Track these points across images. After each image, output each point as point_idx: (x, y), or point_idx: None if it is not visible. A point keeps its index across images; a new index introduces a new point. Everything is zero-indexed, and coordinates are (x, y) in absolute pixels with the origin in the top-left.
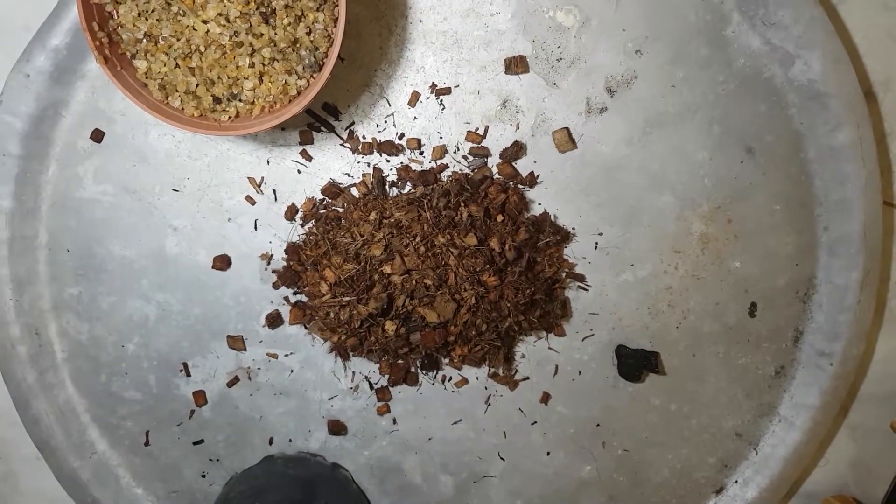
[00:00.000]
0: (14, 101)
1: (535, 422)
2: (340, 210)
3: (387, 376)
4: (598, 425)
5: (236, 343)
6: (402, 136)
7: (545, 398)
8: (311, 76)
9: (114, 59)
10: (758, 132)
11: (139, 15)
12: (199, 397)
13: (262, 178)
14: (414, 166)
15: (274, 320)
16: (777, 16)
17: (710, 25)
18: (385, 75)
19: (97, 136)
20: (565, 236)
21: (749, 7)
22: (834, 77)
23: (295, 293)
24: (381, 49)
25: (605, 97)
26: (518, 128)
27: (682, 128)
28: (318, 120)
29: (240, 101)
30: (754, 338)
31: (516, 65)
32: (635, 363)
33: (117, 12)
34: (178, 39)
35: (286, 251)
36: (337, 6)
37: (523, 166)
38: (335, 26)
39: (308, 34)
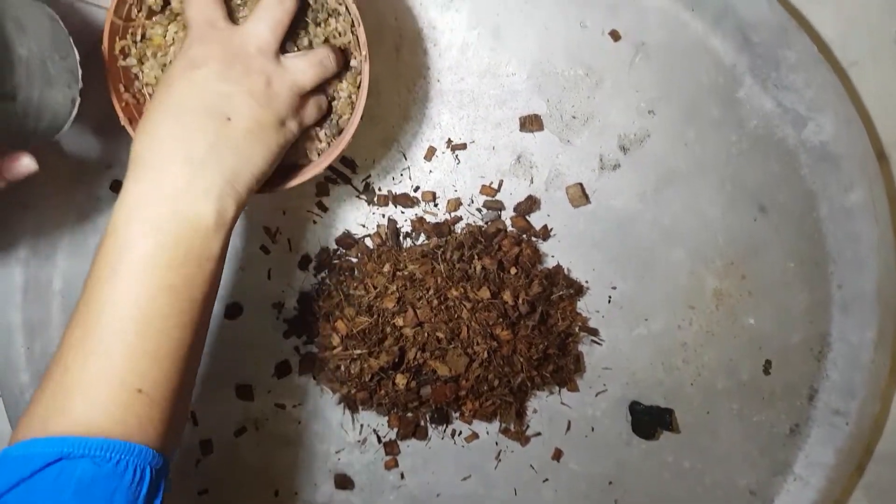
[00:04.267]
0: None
1: (547, 479)
2: (354, 260)
3: (396, 430)
4: (610, 483)
5: (245, 393)
6: (417, 188)
7: (557, 454)
8: (332, 138)
9: (138, 118)
10: (770, 191)
11: (162, 73)
12: (206, 447)
13: (278, 228)
14: (429, 218)
15: (283, 370)
16: (789, 79)
17: (722, 87)
18: (402, 131)
19: (116, 186)
20: (579, 289)
21: (761, 70)
22: (846, 139)
23: (305, 343)
24: (400, 106)
25: (618, 154)
26: (532, 182)
27: (695, 185)
28: (335, 172)
29: None
30: (768, 395)
31: (531, 123)
32: (650, 420)
33: (142, 72)
34: None
35: (298, 301)
36: (360, 74)
37: (537, 220)
38: (358, 92)
39: (331, 102)
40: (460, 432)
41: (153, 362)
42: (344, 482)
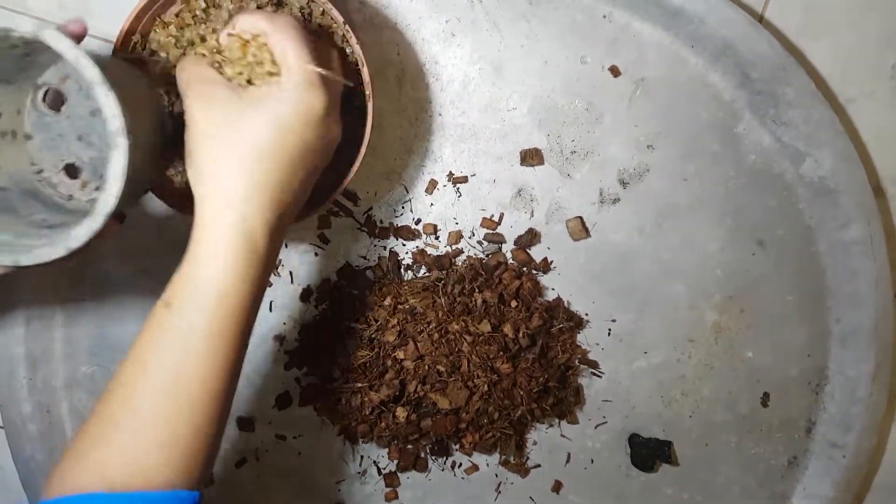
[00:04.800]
0: None
1: None
2: (355, 293)
3: (396, 462)
4: None
5: (246, 424)
6: (418, 221)
7: (557, 487)
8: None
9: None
10: (769, 225)
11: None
12: (207, 478)
13: (280, 261)
14: (429, 251)
15: (284, 401)
16: (787, 115)
17: (721, 123)
18: (404, 164)
19: (119, 217)
20: (578, 322)
21: (760, 106)
22: (844, 174)
23: (306, 375)
24: (402, 140)
25: (617, 188)
26: (532, 215)
27: (694, 219)
28: (337, 205)
29: None
30: (767, 428)
31: (531, 157)
32: (649, 453)
33: None
34: None
35: (300, 333)
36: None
37: (537, 253)
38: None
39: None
40: (460, 464)
41: (216, 409)
42: None
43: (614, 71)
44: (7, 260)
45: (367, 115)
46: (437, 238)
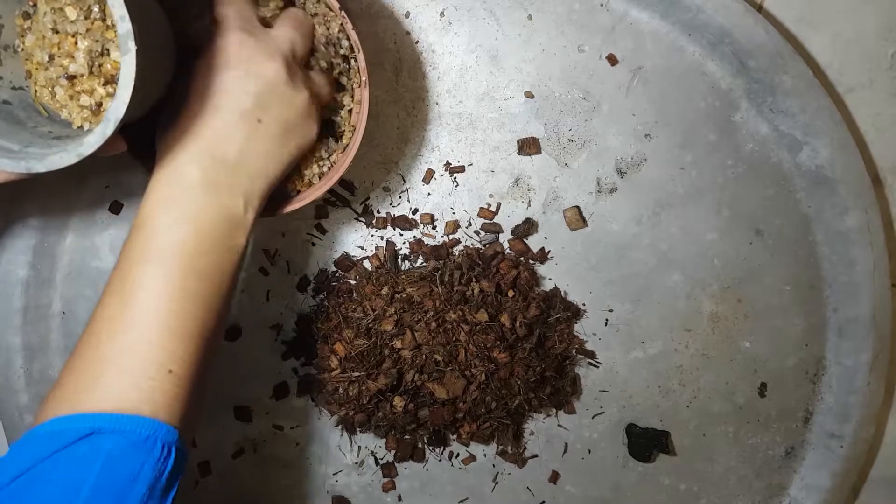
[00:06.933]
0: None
1: (544, 501)
2: (353, 283)
3: (393, 452)
4: None
5: (243, 414)
6: (415, 211)
7: (554, 477)
8: (332, 163)
9: None
10: (766, 215)
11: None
12: (204, 468)
13: (277, 251)
14: (427, 240)
15: (281, 391)
16: (785, 104)
17: (718, 111)
18: (401, 153)
19: (115, 208)
20: (576, 312)
21: (757, 95)
22: (841, 163)
23: (304, 365)
24: (399, 129)
25: (615, 178)
26: (530, 205)
27: (691, 209)
28: (334, 195)
29: None
30: (764, 418)
31: (529, 146)
32: (646, 443)
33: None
34: None
35: (297, 323)
36: (359, 101)
37: (534, 242)
38: (357, 116)
39: (332, 125)
40: (458, 454)
41: (182, 342)
42: None
43: (612, 60)
44: (20, 167)
45: (363, 104)
46: (434, 228)
